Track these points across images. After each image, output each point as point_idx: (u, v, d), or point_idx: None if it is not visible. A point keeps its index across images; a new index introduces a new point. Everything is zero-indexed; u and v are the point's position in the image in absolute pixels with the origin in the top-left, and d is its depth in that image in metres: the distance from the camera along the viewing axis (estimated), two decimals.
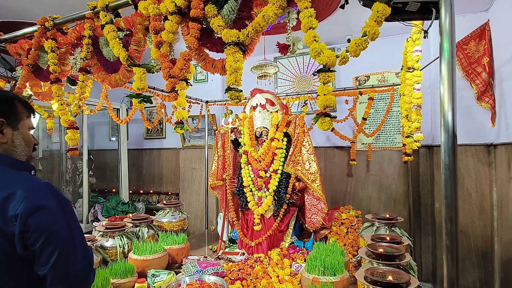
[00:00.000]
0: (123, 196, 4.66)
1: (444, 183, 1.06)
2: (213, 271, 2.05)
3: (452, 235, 1.07)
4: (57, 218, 0.95)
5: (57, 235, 0.93)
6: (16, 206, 0.88)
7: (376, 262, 1.78)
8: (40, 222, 0.90)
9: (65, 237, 0.95)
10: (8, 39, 2.19)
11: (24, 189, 0.92)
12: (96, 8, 1.77)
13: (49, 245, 0.91)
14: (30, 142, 1.13)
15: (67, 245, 0.95)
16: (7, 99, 1.08)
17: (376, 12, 1.09)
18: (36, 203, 0.91)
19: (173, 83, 1.48)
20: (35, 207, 0.90)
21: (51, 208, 0.94)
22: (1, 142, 1.04)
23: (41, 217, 0.91)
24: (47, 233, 0.91)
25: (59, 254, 0.92)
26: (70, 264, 0.95)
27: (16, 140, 1.07)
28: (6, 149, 1.05)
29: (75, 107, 1.89)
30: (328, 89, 1.17)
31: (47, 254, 0.91)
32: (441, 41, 1.09)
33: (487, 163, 2.89)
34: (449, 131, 1.06)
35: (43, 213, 0.91)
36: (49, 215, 0.93)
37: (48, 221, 0.92)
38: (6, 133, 1.04)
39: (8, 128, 1.05)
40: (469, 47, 2.94)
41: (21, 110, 1.10)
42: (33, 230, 0.89)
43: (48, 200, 0.94)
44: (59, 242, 0.93)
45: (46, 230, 0.91)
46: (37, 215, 0.90)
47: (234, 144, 3.06)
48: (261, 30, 1.32)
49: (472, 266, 2.95)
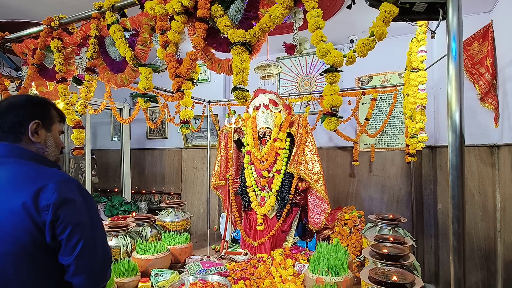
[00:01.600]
0: (125, 195, 4.66)
1: (451, 183, 1.07)
2: (216, 270, 2.05)
3: (459, 235, 1.07)
4: (82, 211, 1.02)
5: (81, 227, 1.00)
6: (49, 197, 0.95)
7: (380, 262, 1.79)
8: (68, 213, 0.97)
9: (88, 230, 1.02)
10: (14, 39, 2.20)
11: (55, 182, 0.99)
12: (102, 8, 1.78)
13: (75, 235, 0.98)
14: (59, 144, 1.22)
15: (90, 237, 1.02)
16: (43, 103, 1.18)
17: (384, 12, 1.09)
18: (65, 195, 0.98)
19: (179, 82, 1.49)
20: (65, 199, 0.97)
21: (77, 201, 1.01)
22: (35, 141, 1.12)
23: (69, 209, 0.98)
24: (73, 224, 0.98)
25: (83, 245, 0.99)
26: (91, 256, 1.02)
27: (48, 141, 1.16)
28: (38, 148, 1.13)
29: (80, 106, 1.90)
30: (335, 89, 1.17)
31: (72, 244, 0.98)
32: (449, 41, 1.09)
33: (490, 164, 2.89)
34: (456, 131, 1.06)
35: (71, 206, 0.99)
36: (75, 208, 1.00)
37: (75, 214, 0.99)
38: (40, 134, 1.13)
39: (43, 130, 1.14)
40: (473, 48, 2.94)
41: (54, 114, 1.20)
42: (62, 220, 0.96)
43: (75, 194, 1.01)
44: (83, 234, 1.00)
45: (73, 221, 0.98)
46: (65, 207, 0.97)
47: (237, 144, 3.06)
48: (267, 30, 1.32)
49: (475, 267, 2.95)
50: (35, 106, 1.14)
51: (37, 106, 1.15)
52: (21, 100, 1.14)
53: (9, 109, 1.11)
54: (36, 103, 1.16)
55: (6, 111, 1.11)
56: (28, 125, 1.10)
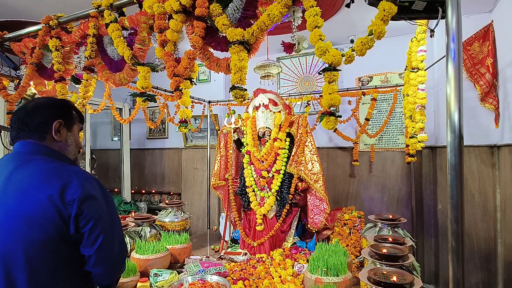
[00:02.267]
0: (125, 195, 4.66)
1: (450, 183, 1.06)
2: (215, 271, 2.05)
3: (457, 235, 1.06)
4: (102, 207, 1.11)
5: (102, 221, 1.08)
6: (74, 192, 1.04)
7: (380, 262, 1.78)
8: (90, 208, 1.06)
9: (107, 225, 1.11)
10: (12, 38, 2.20)
11: (78, 179, 1.07)
12: (100, 6, 1.78)
13: (96, 229, 1.06)
14: (79, 143, 1.29)
15: (109, 231, 1.11)
16: (65, 104, 1.27)
17: (383, 10, 1.09)
18: (89, 192, 1.06)
19: (178, 82, 1.48)
20: (88, 195, 1.06)
21: (98, 198, 1.10)
22: (58, 140, 1.19)
23: (91, 204, 1.06)
24: (95, 218, 1.07)
25: (103, 238, 1.08)
26: (110, 249, 1.11)
27: (69, 140, 1.23)
28: (60, 146, 1.21)
29: (79, 106, 1.89)
30: (334, 88, 1.16)
31: (94, 237, 1.06)
32: (448, 41, 1.08)
33: (491, 165, 2.88)
34: (455, 131, 1.06)
35: (93, 201, 1.07)
36: (97, 204, 1.09)
37: (96, 209, 1.08)
38: (62, 133, 1.20)
39: (64, 129, 1.21)
40: (473, 48, 2.93)
41: (75, 116, 1.28)
42: (85, 215, 1.05)
43: (97, 191, 1.10)
44: (103, 228, 1.08)
45: (95, 215, 1.07)
46: (88, 202, 1.06)
47: (237, 144, 3.05)
48: (266, 29, 1.31)
49: (475, 268, 2.94)
50: (58, 107, 1.23)
51: (60, 107, 1.23)
52: (46, 101, 1.24)
53: (36, 109, 1.19)
54: (59, 104, 1.25)
55: (33, 111, 1.18)
56: (52, 124, 1.17)
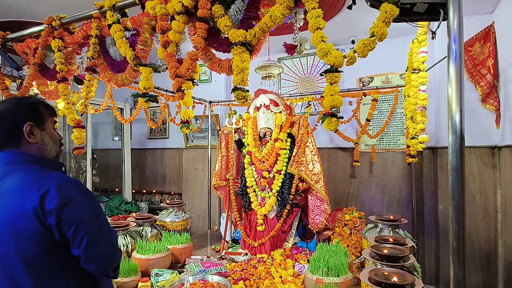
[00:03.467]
0: (126, 195, 4.66)
1: (451, 184, 1.06)
2: (216, 271, 2.06)
3: (459, 236, 1.06)
4: (83, 210, 1.10)
5: (84, 224, 1.08)
6: (51, 203, 1.03)
7: (380, 263, 1.78)
8: (70, 214, 1.05)
9: (91, 225, 1.11)
10: (15, 38, 2.20)
11: (56, 187, 1.05)
12: (103, 7, 1.78)
13: (79, 232, 1.07)
14: (56, 139, 1.27)
15: (94, 231, 1.11)
16: (31, 103, 1.23)
17: (385, 12, 1.09)
18: (66, 198, 1.05)
19: (180, 82, 1.49)
20: (65, 202, 1.05)
21: (78, 200, 1.09)
22: (33, 142, 1.18)
23: (70, 210, 1.06)
24: (77, 223, 1.07)
25: (88, 239, 1.08)
26: (97, 247, 1.12)
27: (45, 139, 1.22)
28: (38, 148, 1.20)
29: (81, 106, 1.90)
30: (335, 90, 1.17)
31: (78, 240, 1.07)
32: (449, 43, 1.09)
33: (492, 165, 2.88)
34: (456, 132, 1.06)
35: (72, 206, 1.06)
36: (76, 207, 1.08)
37: (76, 213, 1.07)
38: (36, 134, 1.19)
39: (37, 130, 1.19)
40: (474, 49, 2.93)
41: (44, 112, 1.24)
42: (65, 222, 1.05)
43: (75, 194, 1.09)
44: (86, 230, 1.08)
45: (76, 220, 1.07)
46: (67, 208, 1.05)
47: (238, 144, 3.06)
48: (268, 30, 1.32)
49: (475, 268, 2.94)
50: (26, 109, 1.20)
51: (28, 108, 1.20)
52: (12, 105, 1.20)
53: (3, 117, 1.16)
54: (26, 105, 1.21)
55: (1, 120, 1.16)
56: (22, 129, 1.16)
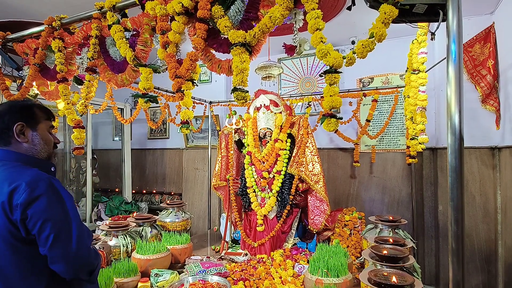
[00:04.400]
0: (126, 195, 4.67)
1: (450, 185, 1.06)
2: (216, 271, 2.06)
3: (458, 237, 1.06)
4: (52, 206, 1.09)
5: (51, 221, 1.07)
6: (18, 198, 1.05)
7: (380, 264, 1.78)
8: (36, 210, 1.05)
9: (60, 223, 1.10)
10: (15, 39, 2.21)
11: (26, 182, 1.07)
12: (103, 8, 1.79)
13: (45, 230, 1.06)
14: (49, 140, 1.29)
15: (62, 229, 1.10)
16: (25, 106, 1.27)
17: (384, 13, 1.09)
18: (34, 194, 1.06)
19: (179, 83, 1.49)
20: (33, 198, 1.06)
21: (46, 198, 1.08)
22: (23, 141, 1.22)
23: (37, 207, 1.06)
24: (42, 220, 1.06)
25: (54, 237, 1.07)
26: (65, 246, 1.10)
27: (35, 140, 1.24)
28: (27, 148, 1.23)
29: (81, 106, 1.90)
30: (335, 90, 1.17)
31: (44, 237, 1.07)
32: (448, 43, 1.09)
33: (492, 166, 2.88)
34: (456, 133, 1.06)
35: (39, 203, 1.06)
36: (44, 204, 1.07)
37: (43, 210, 1.07)
38: (26, 134, 1.22)
39: (28, 130, 1.23)
40: (474, 49, 2.93)
41: (39, 114, 1.28)
42: (31, 218, 1.05)
43: (45, 190, 1.09)
44: (53, 227, 1.07)
45: (41, 217, 1.06)
46: (34, 205, 1.05)
47: (238, 144, 3.06)
48: (267, 31, 1.32)
49: (475, 269, 2.94)
50: (18, 111, 1.23)
51: (20, 110, 1.24)
52: (5, 107, 1.25)
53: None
54: (19, 107, 1.25)
55: None
56: (13, 128, 1.20)
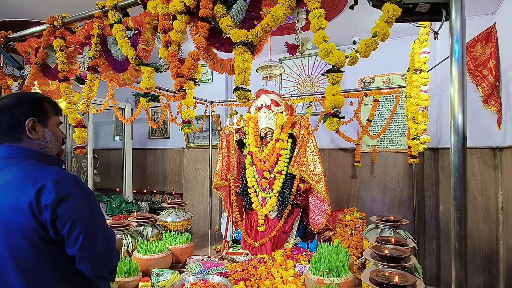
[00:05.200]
0: (127, 195, 4.67)
1: (453, 185, 1.06)
2: (217, 271, 2.05)
3: (461, 237, 1.06)
4: (80, 205, 1.06)
5: (80, 221, 1.05)
6: (47, 197, 1.00)
7: (381, 264, 1.78)
8: (66, 210, 1.02)
9: (88, 222, 1.07)
10: (16, 38, 2.21)
11: (52, 181, 1.02)
12: (104, 7, 1.79)
13: (75, 230, 1.03)
14: (59, 137, 1.24)
15: (90, 229, 1.07)
16: (36, 99, 1.20)
17: (387, 12, 1.09)
18: (62, 194, 1.02)
19: (181, 82, 1.49)
20: (62, 197, 1.02)
21: (74, 197, 1.05)
22: (35, 138, 1.16)
23: (66, 206, 1.02)
24: (72, 220, 1.03)
25: (83, 237, 1.04)
26: (92, 246, 1.08)
27: (47, 136, 1.19)
28: (39, 144, 1.17)
29: (82, 105, 1.90)
30: (337, 90, 1.17)
31: (74, 238, 1.04)
32: (452, 43, 1.08)
33: (493, 166, 2.88)
34: (459, 133, 1.06)
35: (68, 202, 1.03)
36: (73, 203, 1.04)
37: (72, 208, 1.04)
38: (38, 130, 1.16)
39: (39, 126, 1.17)
40: (476, 49, 2.93)
41: (49, 109, 1.22)
42: (61, 218, 1.02)
43: (72, 190, 1.05)
44: (82, 227, 1.05)
45: (72, 217, 1.03)
46: (63, 204, 1.02)
47: (239, 144, 3.06)
48: (270, 30, 1.32)
49: (476, 270, 2.93)
50: (29, 104, 1.17)
51: (31, 104, 1.18)
52: (14, 99, 1.18)
53: (3, 111, 1.14)
54: (29, 100, 1.19)
55: (1, 113, 1.14)
56: (24, 124, 1.14)
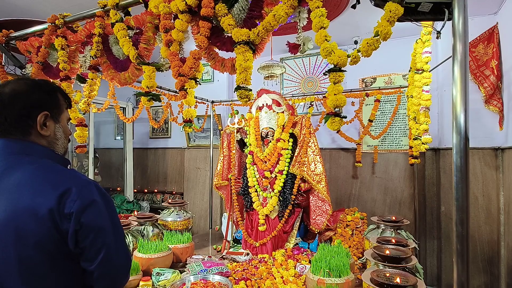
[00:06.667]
0: (128, 194, 4.67)
1: (455, 185, 1.06)
2: (217, 270, 2.05)
3: (462, 238, 1.06)
4: (102, 213, 0.96)
5: (103, 232, 0.95)
6: (71, 204, 0.90)
7: (382, 264, 1.78)
8: (90, 219, 0.93)
9: (109, 233, 0.97)
10: (18, 37, 2.21)
11: (77, 186, 0.93)
12: (106, 6, 1.79)
13: (97, 242, 0.94)
14: (68, 134, 1.12)
15: (111, 240, 0.97)
16: (51, 90, 1.06)
17: (389, 12, 1.09)
18: (87, 200, 0.93)
19: (183, 81, 1.49)
20: (86, 204, 0.92)
21: (98, 203, 0.95)
22: (45, 135, 1.02)
23: (91, 214, 0.93)
24: (96, 230, 0.93)
25: (106, 250, 0.95)
26: (115, 259, 0.98)
27: (58, 133, 1.07)
28: (49, 142, 1.05)
29: (83, 104, 1.90)
30: (339, 89, 1.16)
31: (95, 251, 0.94)
32: (454, 43, 1.08)
33: (495, 167, 2.87)
34: (461, 133, 1.05)
35: (92, 210, 0.93)
36: (97, 211, 0.95)
37: (96, 217, 0.94)
38: (49, 126, 1.03)
39: (51, 121, 1.04)
40: (478, 49, 2.92)
41: (62, 102, 1.09)
42: (85, 227, 0.92)
43: (95, 196, 0.96)
44: (105, 239, 0.95)
45: (95, 226, 0.94)
46: (87, 212, 0.92)
47: (240, 144, 3.06)
48: (271, 30, 1.32)
49: (478, 271, 2.93)
50: (43, 94, 1.03)
51: (43, 93, 1.03)
52: (26, 86, 1.01)
53: (14, 99, 0.98)
54: (42, 89, 1.04)
55: (11, 101, 0.98)
56: (36, 117, 0.99)
